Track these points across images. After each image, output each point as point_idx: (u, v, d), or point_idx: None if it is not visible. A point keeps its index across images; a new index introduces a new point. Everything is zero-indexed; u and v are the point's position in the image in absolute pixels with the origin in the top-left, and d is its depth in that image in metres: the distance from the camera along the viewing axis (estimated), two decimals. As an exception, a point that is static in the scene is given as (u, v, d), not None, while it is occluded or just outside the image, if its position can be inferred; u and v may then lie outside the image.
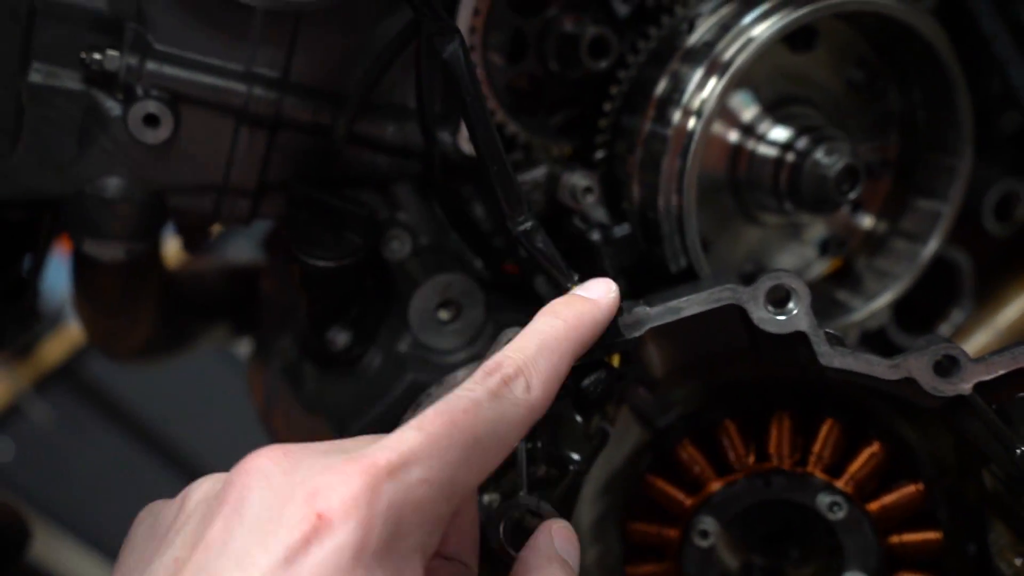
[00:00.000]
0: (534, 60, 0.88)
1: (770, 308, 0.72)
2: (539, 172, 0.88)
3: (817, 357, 0.71)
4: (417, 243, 0.89)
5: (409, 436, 0.53)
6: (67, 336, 3.20)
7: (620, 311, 0.74)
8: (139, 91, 0.74)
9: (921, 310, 1.01)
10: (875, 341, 0.99)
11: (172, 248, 1.48)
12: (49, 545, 2.88)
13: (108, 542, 2.95)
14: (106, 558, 2.97)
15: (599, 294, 0.69)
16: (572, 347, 0.65)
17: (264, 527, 0.49)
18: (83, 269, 1.01)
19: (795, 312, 0.72)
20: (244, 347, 1.48)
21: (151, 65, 0.74)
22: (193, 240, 1.01)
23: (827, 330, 0.72)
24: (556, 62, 0.87)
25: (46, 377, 3.20)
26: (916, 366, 0.71)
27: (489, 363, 0.60)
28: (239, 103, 0.77)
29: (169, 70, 0.75)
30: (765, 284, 0.72)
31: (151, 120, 0.74)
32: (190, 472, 3.11)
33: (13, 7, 0.70)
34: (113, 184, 0.78)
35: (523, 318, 0.89)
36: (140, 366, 1.16)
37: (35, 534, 1.09)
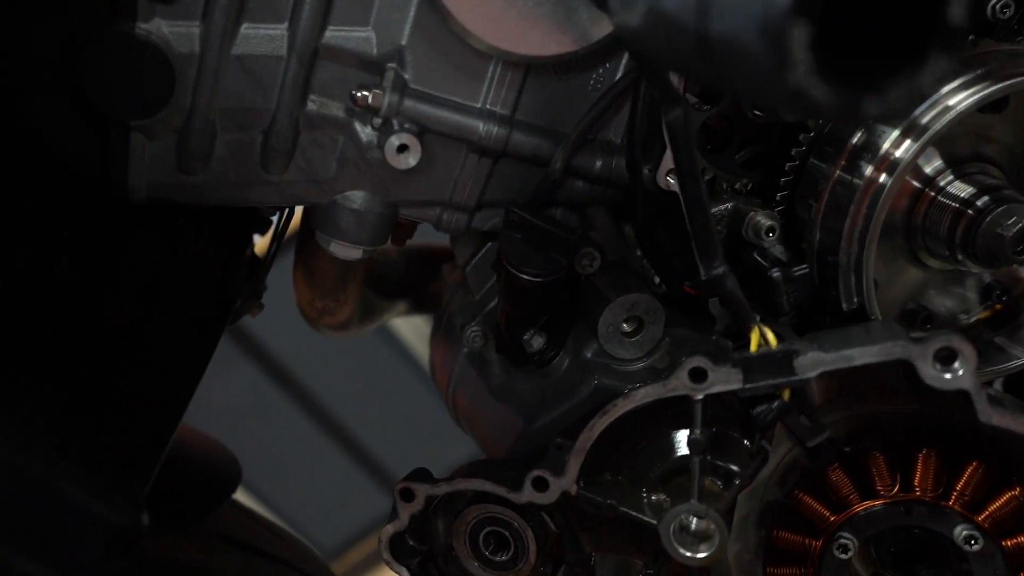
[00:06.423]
0: (729, 103, 0.96)
1: (937, 366, 0.79)
2: (725, 207, 0.96)
3: (977, 414, 0.79)
4: (605, 260, 1.00)
5: None
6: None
7: (797, 352, 0.83)
8: (395, 124, 0.86)
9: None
10: (1014, 383, 1.04)
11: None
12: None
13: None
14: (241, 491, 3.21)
15: None
16: None
17: None
18: (307, 254, 1.16)
19: (960, 373, 0.78)
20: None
21: (408, 102, 0.86)
22: (401, 236, 1.15)
23: (989, 391, 0.78)
24: (751, 107, 0.95)
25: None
26: (1074, 430, 0.78)
27: None
28: (474, 137, 0.88)
29: (422, 107, 0.86)
30: (934, 344, 0.79)
31: (403, 149, 0.87)
32: (319, 416, 3.31)
33: (301, 51, 0.83)
34: (360, 197, 0.92)
35: (696, 335, 0.99)
36: (335, 336, 1.31)
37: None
